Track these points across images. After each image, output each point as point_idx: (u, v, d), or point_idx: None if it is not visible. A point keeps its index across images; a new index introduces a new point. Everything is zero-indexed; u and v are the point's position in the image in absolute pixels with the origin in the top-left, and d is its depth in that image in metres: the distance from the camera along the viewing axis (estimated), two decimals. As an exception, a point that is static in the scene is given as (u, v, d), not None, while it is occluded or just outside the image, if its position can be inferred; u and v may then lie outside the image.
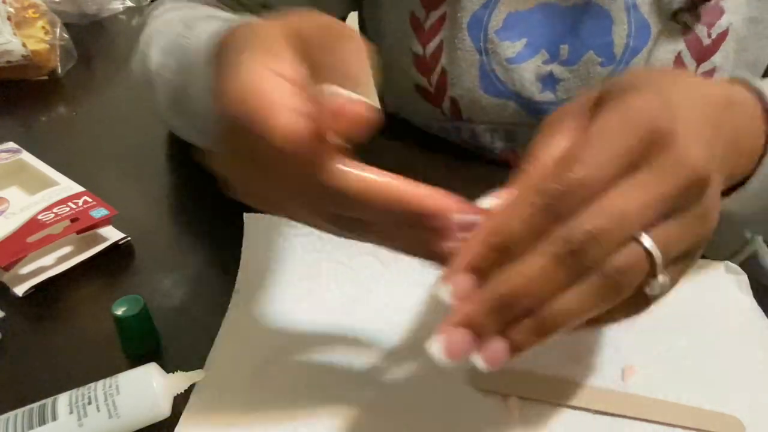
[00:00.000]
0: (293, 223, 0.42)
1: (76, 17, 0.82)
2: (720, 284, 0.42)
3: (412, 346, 0.37)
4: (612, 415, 0.34)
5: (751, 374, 0.37)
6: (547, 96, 0.51)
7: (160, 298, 0.40)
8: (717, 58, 0.49)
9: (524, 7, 0.50)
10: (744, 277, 0.42)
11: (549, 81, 0.51)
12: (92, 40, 0.80)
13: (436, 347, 0.24)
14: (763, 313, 0.40)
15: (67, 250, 0.42)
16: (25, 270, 0.41)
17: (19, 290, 0.39)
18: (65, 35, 0.70)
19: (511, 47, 0.50)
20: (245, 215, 0.43)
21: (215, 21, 0.42)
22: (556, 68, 0.50)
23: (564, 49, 0.50)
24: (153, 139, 0.57)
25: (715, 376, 0.36)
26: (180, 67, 0.42)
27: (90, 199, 0.44)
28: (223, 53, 0.30)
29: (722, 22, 0.48)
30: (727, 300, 0.41)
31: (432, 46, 0.54)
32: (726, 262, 0.43)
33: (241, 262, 0.41)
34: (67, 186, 0.45)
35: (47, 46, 0.68)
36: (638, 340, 0.39)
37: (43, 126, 0.60)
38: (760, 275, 0.43)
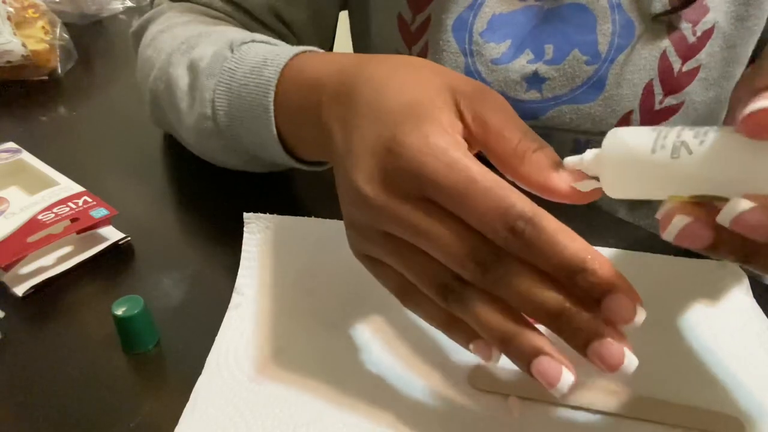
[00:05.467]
0: (293, 222, 0.43)
1: (76, 17, 0.83)
2: (720, 284, 0.42)
3: (413, 345, 0.37)
4: (612, 415, 0.34)
5: (751, 374, 0.37)
6: (533, 95, 0.51)
7: (160, 298, 0.40)
8: (702, 56, 0.49)
9: (508, 9, 0.50)
10: (744, 277, 0.42)
11: (534, 80, 0.51)
12: (92, 40, 0.80)
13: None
14: (763, 313, 0.40)
15: (67, 250, 0.42)
16: (25, 270, 0.41)
17: (19, 290, 0.39)
18: (65, 35, 0.70)
19: (496, 48, 0.50)
20: (245, 215, 0.43)
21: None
22: (541, 67, 0.50)
23: (549, 49, 0.50)
24: (153, 139, 0.57)
25: (715, 376, 0.36)
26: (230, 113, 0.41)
27: (90, 199, 0.44)
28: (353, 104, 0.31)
29: (707, 20, 0.48)
30: (727, 300, 0.41)
31: (417, 47, 0.54)
32: (726, 261, 0.43)
33: (241, 262, 0.41)
34: (67, 186, 0.45)
35: (47, 46, 0.68)
36: (638, 340, 0.38)
37: (43, 126, 0.60)
38: (760, 275, 0.43)
